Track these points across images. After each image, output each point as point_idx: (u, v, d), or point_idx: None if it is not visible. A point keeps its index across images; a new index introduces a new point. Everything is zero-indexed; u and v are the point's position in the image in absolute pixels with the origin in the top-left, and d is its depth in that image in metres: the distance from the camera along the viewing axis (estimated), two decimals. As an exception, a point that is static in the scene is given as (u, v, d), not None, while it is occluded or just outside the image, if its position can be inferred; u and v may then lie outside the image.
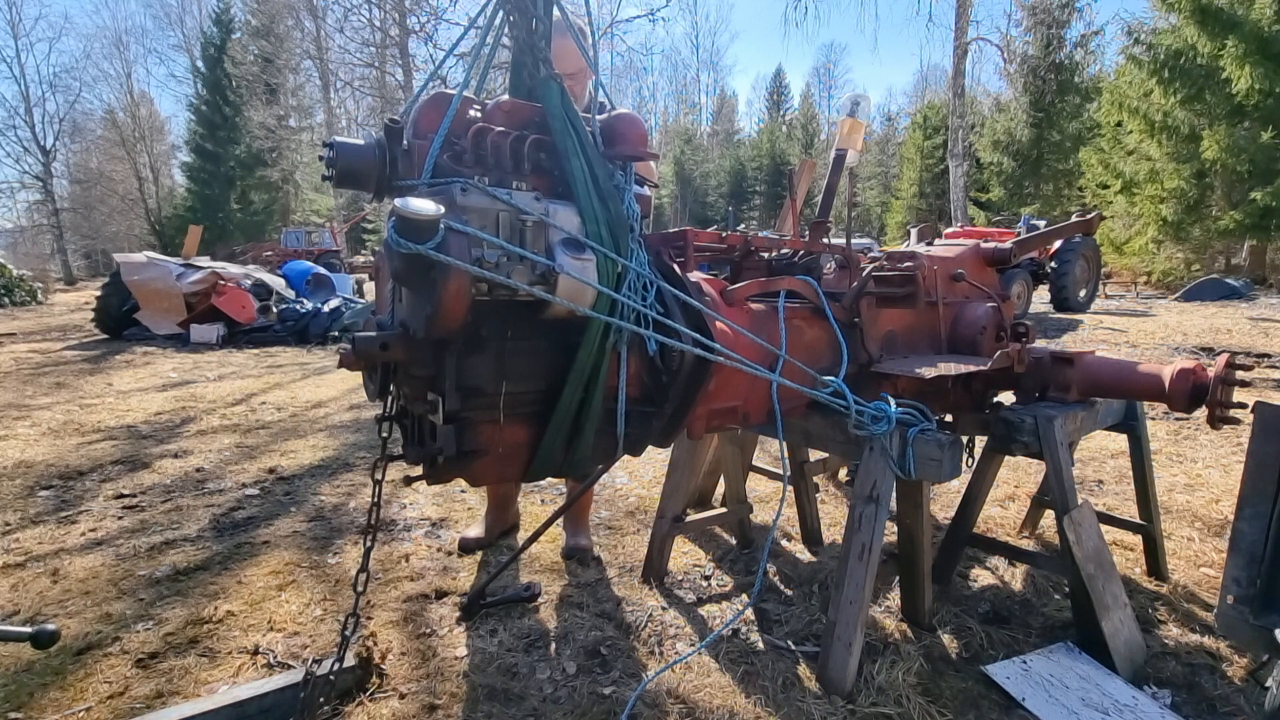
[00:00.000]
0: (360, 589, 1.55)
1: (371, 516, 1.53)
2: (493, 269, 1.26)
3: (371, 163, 1.34)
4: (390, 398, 1.47)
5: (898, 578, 2.24)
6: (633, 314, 1.45)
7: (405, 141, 1.36)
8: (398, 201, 1.15)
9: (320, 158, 1.36)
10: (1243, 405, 1.80)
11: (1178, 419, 4.47)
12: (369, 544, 1.55)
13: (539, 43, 1.50)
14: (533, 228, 1.34)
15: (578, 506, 2.71)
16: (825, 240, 2.20)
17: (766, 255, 2.17)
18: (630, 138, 1.55)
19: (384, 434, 1.46)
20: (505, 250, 1.28)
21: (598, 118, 1.57)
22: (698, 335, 1.52)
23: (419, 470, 1.46)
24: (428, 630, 2.15)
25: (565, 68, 1.88)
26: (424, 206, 1.16)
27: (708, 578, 2.54)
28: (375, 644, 2.00)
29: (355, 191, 1.32)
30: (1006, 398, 2.29)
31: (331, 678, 1.64)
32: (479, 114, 1.47)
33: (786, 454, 2.05)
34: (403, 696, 1.83)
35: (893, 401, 1.81)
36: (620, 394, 1.52)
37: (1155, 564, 2.48)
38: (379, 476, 1.48)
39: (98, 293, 10.13)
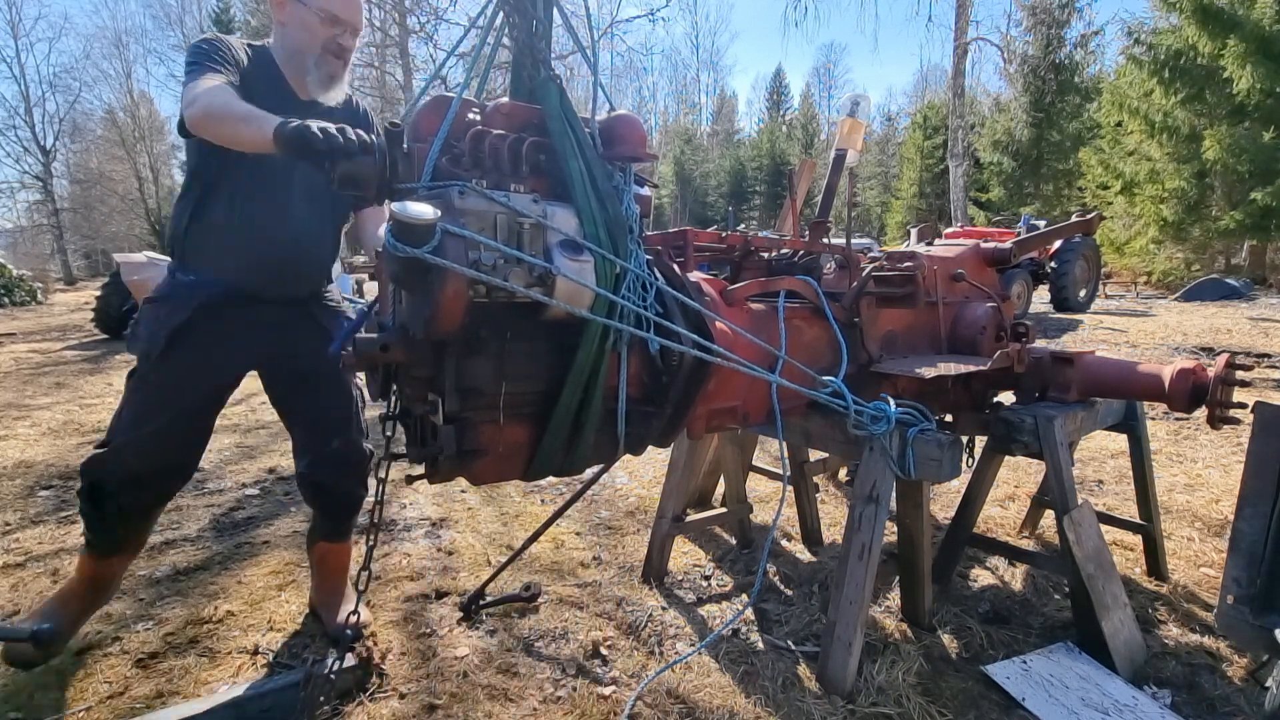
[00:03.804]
0: (363, 588, 1.56)
1: (375, 514, 1.53)
2: (490, 271, 1.26)
3: (372, 166, 1.35)
4: (393, 397, 1.48)
5: (898, 578, 2.24)
6: (631, 315, 1.45)
7: (405, 145, 1.36)
8: (394, 205, 1.15)
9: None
10: (1243, 405, 1.80)
11: (1178, 419, 4.47)
12: (372, 542, 1.55)
13: (538, 44, 1.50)
14: (530, 230, 1.34)
15: (338, 575, 2.27)
16: (825, 240, 2.21)
17: (766, 255, 2.17)
18: (629, 139, 1.55)
19: (387, 433, 1.46)
20: (502, 253, 1.28)
21: (596, 119, 1.57)
22: (697, 336, 1.52)
23: (420, 469, 1.46)
24: (428, 630, 2.15)
25: None
26: (420, 210, 1.16)
27: (708, 578, 2.54)
28: (375, 644, 2.00)
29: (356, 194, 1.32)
30: (1006, 398, 2.29)
31: (331, 678, 1.64)
32: (478, 116, 1.47)
33: (786, 454, 2.05)
34: (403, 696, 1.83)
35: (892, 401, 1.81)
36: (620, 394, 1.52)
37: (1155, 564, 2.48)
38: (382, 475, 1.49)
39: (98, 293, 10.12)
